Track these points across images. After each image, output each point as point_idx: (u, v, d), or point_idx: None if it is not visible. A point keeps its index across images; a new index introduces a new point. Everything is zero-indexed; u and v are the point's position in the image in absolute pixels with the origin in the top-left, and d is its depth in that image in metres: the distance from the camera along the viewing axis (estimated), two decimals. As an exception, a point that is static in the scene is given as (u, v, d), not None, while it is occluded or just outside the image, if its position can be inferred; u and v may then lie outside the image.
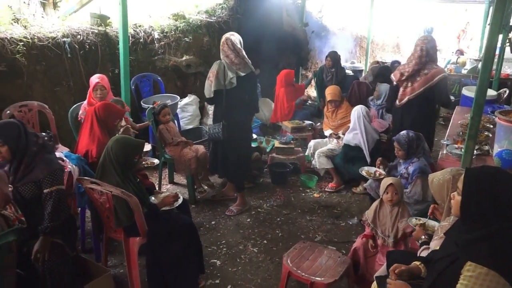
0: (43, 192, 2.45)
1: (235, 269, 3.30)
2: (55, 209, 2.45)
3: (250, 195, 4.48)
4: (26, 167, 2.43)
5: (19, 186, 2.44)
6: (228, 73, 3.72)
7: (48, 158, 2.52)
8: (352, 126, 4.52)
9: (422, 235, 2.56)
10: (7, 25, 4.11)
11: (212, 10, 6.43)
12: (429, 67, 4.01)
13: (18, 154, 2.42)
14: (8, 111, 3.85)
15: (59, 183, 2.49)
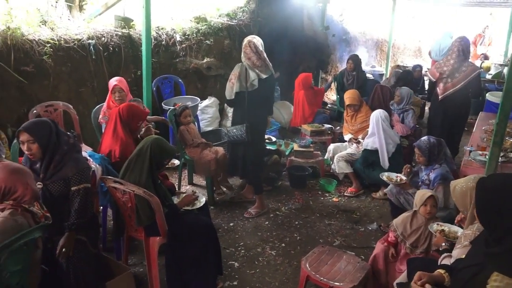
0: (71, 190, 2.51)
1: (253, 272, 3.31)
2: (82, 206, 2.51)
3: (268, 198, 4.48)
4: (56, 165, 2.49)
5: (49, 184, 2.50)
6: (250, 75, 3.75)
7: (77, 157, 2.59)
8: (371, 131, 4.47)
9: (442, 242, 2.52)
10: (35, 27, 4.23)
11: (233, 13, 6.48)
12: (465, 65, 4.59)
13: (48, 152, 2.47)
14: (35, 110, 3.96)
15: (86, 181, 2.55)
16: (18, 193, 2.17)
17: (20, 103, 4.03)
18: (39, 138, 2.44)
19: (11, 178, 2.17)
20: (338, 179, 4.84)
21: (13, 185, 2.16)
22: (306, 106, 5.96)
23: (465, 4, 10.81)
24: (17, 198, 2.17)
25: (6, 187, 2.16)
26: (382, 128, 4.36)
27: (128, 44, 5.02)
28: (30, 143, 2.43)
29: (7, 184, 2.16)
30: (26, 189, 2.19)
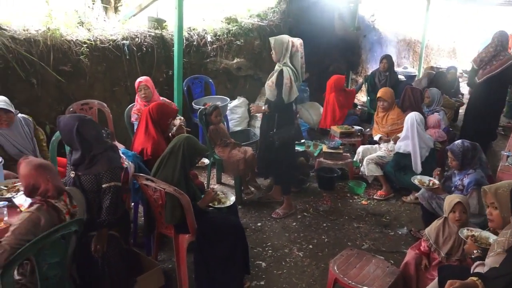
0: (102, 187, 2.60)
1: (280, 272, 3.31)
2: (113, 203, 2.59)
3: (296, 199, 4.47)
4: (91, 160, 2.60)
5: (81, 176, 2.61)
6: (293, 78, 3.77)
7: (112, 156, 2.68)
8: (405, 134, 4.36)
9: (474, 249, 2.44)
10: (73, 28, 4.38)
11: (264, 14, 6.50)
12: (502, 54, 5.17)
13: (74, 147, 2.62)
14: (71, 108, 4.11)
15: (116, 179, 2.62)
16: (41, 189, 2.26)
17: (58, 102, 4.18)
18: (63, 136, 2.65)
19: (33, 174, 2.26)
20: (368, 182, 4.76)
21: (36, 181, 2.26)
22: (337, 108, 5.90)
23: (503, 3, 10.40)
24: (42, 193, 2.26)
25: (30, 183, 2.25)
26: (417, 132, 4.25)
27: (161, 44, 5.12)
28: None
29: (30, 180, 2.25)
30: (47, 184, 2.26)
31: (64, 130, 2.64)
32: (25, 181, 2.27)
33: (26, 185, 2.27)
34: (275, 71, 3.77)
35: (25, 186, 2.28)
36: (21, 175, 2.29)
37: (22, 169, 2.28)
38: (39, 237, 2.02)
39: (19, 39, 3.83)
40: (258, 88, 6.46)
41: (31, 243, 2.00)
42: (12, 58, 3.69)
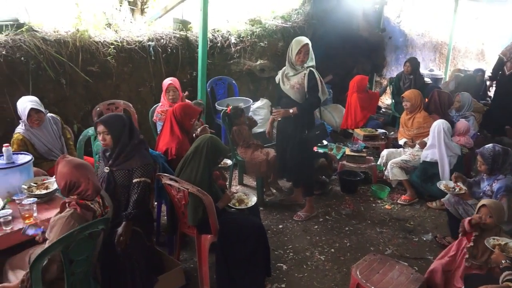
0: (132, 182, 2.68)
1: (301, 275, 3.29)
2: (140, 198, 2.66)
3: (318, 202, 4.44)
4: (125, 155, 2.71)
5: (115, 171, 2.72)
6: None
7: (145, 153, 2.78)
8: (431, 142, 4.24)
9: (502, 259, 2.37)
10: (101, 30, 4.48)
11: (287, 16, 6.48)
12: None
13: (120, 143, 2.71)
14: (98, 108, 4.20)
15: (147, 176, 2.71)
16: (82, 188, 2.29)
17: (85, 101, 4.28)
18: (112, 130, 2.70)
19: (75, 173, 2.29)
20: (391, 186, 4.69)
21: (77, 180, 2.29)
22: (358, 109, 5.81)
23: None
24: (81, 192, 2.29)
25: (71, 181, 2.28)
26: (444, 141, 4.14)
27: (185, 45, 5.17)
28: (105, 134, 2.70)
29: (71, 179, 2.28)
30: (88, 183, 2.31)
31: (116, 125, 2.74)
32: (64, 179, 2.28)
33: (66, 183, 2.28)
34: (299, 73, 3.75)
35: (64, 184, 2.28)
36: (60, 173, 2.30)
37: (62, 168, 2.30)
38: (67, 234, 2.07)
39: (50, 40, 3.94)
40: (281, 89, 6.45)
41: (59, 239, 2.05)
42: (43, 59, 3.81)
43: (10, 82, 3.66)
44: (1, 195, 2.74)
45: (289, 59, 3.77)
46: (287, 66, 3.83)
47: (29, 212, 2.55)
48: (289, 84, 3.79)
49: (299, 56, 3.68)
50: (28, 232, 2.36)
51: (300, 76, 3.74)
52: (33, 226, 2.39)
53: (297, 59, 3.70)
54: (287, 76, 3.82)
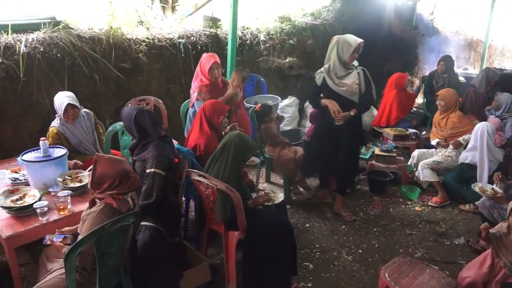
0: (145, 172, 2.68)
1: (328, 275, 3.26)
2: (149, 189, 2.62)
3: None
4: (141, 146, 2.77)
5: (136, 161, 2.79)
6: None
7: (161, 145, 2.75)
8: (473, 144, 4.06)
9: None
10: (133, 27, 4.57)
11: (317, 13, 6.42)
12: None
13: (132, 135, 2.83)
14: (129, 104, 4.28)
15: (160, 168, 2.66)
16: (129, 182, 2.32)
17: (117, 97, 4.37)
18: (124, 123, 2.88)
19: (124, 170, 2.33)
20: (422, 188, 4.57)
21: (127, 176, 2.32)
22: (394, 107, 5.61)
23: None
24: (125, 187, 2.30)
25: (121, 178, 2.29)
26: (486, 144, 3.97)
27: (215, 43, 5.20)
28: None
29: (121, 176, 2.29)
30: (134, 177, 2.36)
31: (125, 120, 2.84)
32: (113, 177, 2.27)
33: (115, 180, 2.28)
34: (351, 73, 3.65)
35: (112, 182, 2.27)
36: (108, 171, 2.29)
37: (109, 166, 2.30)
38: (100, 227, 2.12)
39: (84, 37, 4.05)
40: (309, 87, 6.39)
41: (92, 232, 2.10)
42: (78, 56, 3.91)
43: (47, 78, 3.78)
44: (37, 187, 2.84)
45: (340, 58, 3.61)
46: (336, 66, 3.64)
47: (63, 204, 2.63)
48: (345, 85, 3.65)
49: (353, 56, 3.58)
50: (47, 242, 2.39)
51: (354, 76, 3.65)
52: (53, 235, 2.42)
53: (352, 58, 3.60)
54: (339, 76, 3.65)
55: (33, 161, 2.85)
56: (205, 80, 4.11)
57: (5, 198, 2.66)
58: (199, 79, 4.15)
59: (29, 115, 3.78)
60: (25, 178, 2.98)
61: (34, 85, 3.71)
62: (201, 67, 4.15)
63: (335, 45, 3.64)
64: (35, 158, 2.88)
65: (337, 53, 3.62)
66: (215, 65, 4.06)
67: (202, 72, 4.13)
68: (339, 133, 3.76)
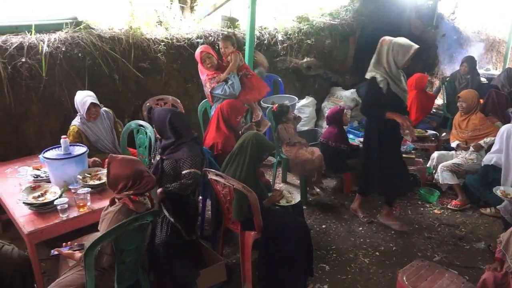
0: (182, 173, 2.78)
1: (344, 277, 3.23)
2: (185, 185, 2.76)
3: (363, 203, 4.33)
4: (175, 147, 2.84)
5: (165, 159, 2.86)
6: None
7: (194, 147, 2.87)
8: (498, 147, 3.91)
9: None
10: (152, 27, 4.61)
11: (336, 13, 6.37)
12: None
13: (163, 136, 2.89)
14: (148, 103, 4.34)
15: (196, 167, 2.80)
16: (143, 182, 2.33)
17: (136, 96, 4.43)
18: (155, 124, 2.92)
19: (137, 170, 2.33)
20: (441, 190, 4.49)
21: (140, 175, 2.33)
22: (413, 108, 5.53)
23: None
24: (141, 187, 2.32)
25: (135, 178, 2.30)
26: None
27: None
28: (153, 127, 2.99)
29: (135, 176, 2.31)
30: (149, 177, 2.38)
31: (158, 120, 2.89)
32: (127, 178, 2.28)
33: (129, 181, 2.28)
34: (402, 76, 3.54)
35: (126, 183, 2.28)
36: (122, 172, 2.29)
37: (122, 166, 2.31)
38: (119, 225, 2.15)
39: (105, 37, 4.11)
40: (327, 88, 6.36)
41: (112, 229, 2.13)
42: (98, 55, 3.97)
43: (68, 77, 3.85)
44: (58, 184, 2.90)
45: (397, 62, 3.41)
46: (392, 70, 3.43)
47: (83, 201, 2.68)
48: (404, 90, 3.56)
49: (408, 60, 3.43)
50: (54, 252, 2.41)
51: (404, 80, 3.57)
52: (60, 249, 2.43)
53: (407, 63, 3.45)
54: (398, 81, 3.49)
55: (54, 158, 2.91)
56: (207, 71, 4.09)
57: (27, 195, 2.72)
58: (205, 74, 4.12)
59: (51, 114, 3.86)
60: (47, 175, 3.05)
61: (56, 84, 3.78)
62: (199, 60, 4.15)
63: (388, 49, 3.43)
64: (56, 156, 2.94)
65: (392, 56, 3.42)
66: (205, 56, 4.01)
67: (200, 67, 4.17)
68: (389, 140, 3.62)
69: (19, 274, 2.46)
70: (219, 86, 3.99)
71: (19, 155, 3.57)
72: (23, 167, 3.19)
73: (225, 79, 4.00)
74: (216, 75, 4.02)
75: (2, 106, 3.54)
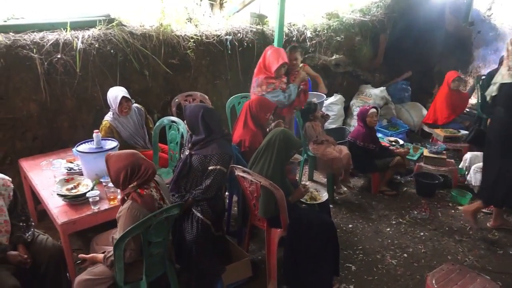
0: (208, 169, 2.81)
1: (371, 278, 3.18)
2: (212, 184, 2.80)
3: (391, 204, 4.26)
4: (204, 143, 2.88)
5: (193, 154, 2.90)
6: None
7: (223, 144, 2.90)
8: None
9: None
10: (182, 24, 4.66)
11: (366, 9, 6.25)
12: None
13: (194, 131, 2.93)
14: (177, 99, 4.40)
15: (223, 165, 2.82)
16: (142, 170, 2.31)
17: (165, 92, 4.49)
18: (188, 119, 2.96)
19: (132, 159, 2.33)
20: (474, 192, 4.34)
21: (137, 163, 2.32)
22: (445, 106, 5.37)
23: None
24: (141, 175, 2.31)
25: (133, 166, 2.30)
26: None
27: (261, 40, 5.20)
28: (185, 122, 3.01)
29: (132, 165, 2.30)
30: (147, 164, 2.36)
31: (190, 116, 2.92)
32: (125, 168, 2.28)
33: (127, 171, 2.29)
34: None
35: (125, 173, 2.29)
36: (117, 166, 2.31)
37: (117, 161, 2.32)
38: (147, 217, 2.20)
39: (136, 34, 4.18)
40: (356, 85, 6.26)
41: (140, 222, 2.18)
42: (129, 52, 4.05)
43: (101, 73, 3.95)
44: (90, 177, 2.98)
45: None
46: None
47: (113, 194, 2.75)
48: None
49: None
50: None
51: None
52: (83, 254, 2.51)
53: None
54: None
55: (87, 152, 3.00)
56: (270, 75, 3.97)
57: (61, 187, 2.81)
58: (263, 76, 3.97)
59: (84, 108, 3.97)
60: (79, 168, 3.14)
61: (89, 79, 3.88)
62: (267, 63, 3.99)
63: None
64: (88, 150, 3.03)
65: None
66: (283, 65, 3.91)
67: (267, 67, 3.98)
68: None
69: (53, 263, 2.56)
70: (275, 92, 3.94)
71: (54, 148, 3.70)
72: (57, 160, 3.31)
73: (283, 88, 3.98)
74: (275, 81, 3.95)
75: (39, 101, 3.66)
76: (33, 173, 3.18)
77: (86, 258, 2.44)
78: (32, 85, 3.60)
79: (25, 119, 3.65)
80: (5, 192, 2.53)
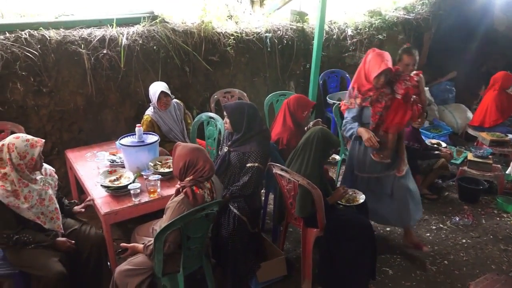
0: (246, 166, 2.86)
1: (409, 284, 3.09)
2: (250, 181, 2.84)
3: (432, 209, 4.12)
4: (243, 140, 2.92)
5: (232, 151, 2.96)
6: None
7: (262, 142, 2.93)
8: None
9: None
10: (223, 21, 4.70)
11: (411, 7, 6.06)
12: None
13: (237, 129, 2.95)
14: (215, 96, 4.45)
15: (261, 162, 2.86)
16: (199, 165, 2.38)
17: (205, 88, 4.55)
18: (231, 116, 2.96)
19: (193, 152, 2.41)
20: (521, 200, 4.14)
21: (196, 158, 2.39)
22: (492, 109, 5.11)
23: None
24: (198, 170, 2.37)
25: (191, 160, 2.38)
26: None
27: (301, 37, 5.16)
28: (226, 118, 2.99)
29: (191, 158, 2.38)
30: (206, 161, 2.41)
31: (235, 112, 2.97)
32: (184, 159, 2.38)
33: (185, 162, 2.37)
34: None
35: (183, 164, 2.37)
36: (179, 155, 2.41)
37: (181, 150, 2.43)
38: (188, 213, 2.23)
39: (178, 31, 4.25)
40: (397, 85, 6.10)
41: (181, 216, 2.22)
42: (171, 48, 4.13)
43: (144, 69, 4.05)
44: (132, 169, 3.06)
45: None
46: None
47: (154, 187, 2.81)
48: None
49: None
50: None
51: None
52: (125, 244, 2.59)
53: None
54: None
55: (129, 145, 3.08)
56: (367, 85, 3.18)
57: (104, 178, 2.91)
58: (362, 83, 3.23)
59: (127, 103, 4.08)
60: (121, 161, 3.23)
61: (132, 75, 3.99)
62: (366, 69, 3.20)
63: None
64: (130, 143, 3.11)
65: None
66: (386, 71, 3.05)
67: (367, 75, 3.18)
68: None
69: (95, 251, 2.66)
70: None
71: (98, 141, 3.83)
72: (101, 152, 3.42)
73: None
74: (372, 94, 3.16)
75: (85, 95, 3.80)
76: (78, 164, 3.30)
77: (128, 247, 2.51)
78: (79, 79, 3.74)
79: (72, 111, 3.80)
80: (52, 182, 2.65)
